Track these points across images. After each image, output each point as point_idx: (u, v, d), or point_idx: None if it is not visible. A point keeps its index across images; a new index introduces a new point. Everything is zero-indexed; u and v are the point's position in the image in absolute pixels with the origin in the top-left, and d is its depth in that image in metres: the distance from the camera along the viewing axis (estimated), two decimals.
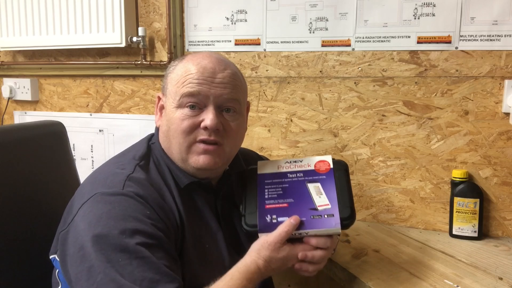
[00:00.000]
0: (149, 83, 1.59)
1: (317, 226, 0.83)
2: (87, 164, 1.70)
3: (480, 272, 0.99)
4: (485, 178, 1.22)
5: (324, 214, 0.84)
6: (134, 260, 0.71)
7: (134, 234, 0.73)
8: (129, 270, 0.70)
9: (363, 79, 1.31)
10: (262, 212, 0.86)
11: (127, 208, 0.76)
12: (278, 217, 0.85)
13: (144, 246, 0.73)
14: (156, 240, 0.75)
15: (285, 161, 0.95)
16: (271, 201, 0.88)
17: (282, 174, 0.92)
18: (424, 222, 1.29)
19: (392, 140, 1.30)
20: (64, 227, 0.82)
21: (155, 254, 0.73)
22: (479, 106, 1.21)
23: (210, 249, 0.86)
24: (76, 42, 1.58)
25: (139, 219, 0.75)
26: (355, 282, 0.97)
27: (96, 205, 0.77)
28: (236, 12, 1.42)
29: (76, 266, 0.74)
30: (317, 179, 0.90)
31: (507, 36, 1.17)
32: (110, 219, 0.74)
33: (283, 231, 0.81)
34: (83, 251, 0.73)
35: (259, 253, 0.81)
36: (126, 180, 0.81)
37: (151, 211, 0.78)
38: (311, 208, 0.85)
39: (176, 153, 0.87)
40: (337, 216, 0.83)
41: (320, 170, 0.91)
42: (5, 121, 1.84)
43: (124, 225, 0.74)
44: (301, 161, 0.94)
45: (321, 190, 0.88)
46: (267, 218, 0.85)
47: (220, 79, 0.86)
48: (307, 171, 0.92)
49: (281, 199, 0.88)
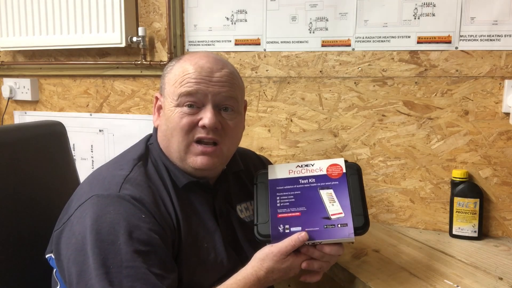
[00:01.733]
0: (149, 83, 1.59)
1: (330, 236, 0.82)
2: (87, 164, 1.70)
3: (480, 272, 0.99)
4: (485, 178, 1.22)
5: (338, 223, 0.83)
6: (124, 269, 0.71)
7: (128, 241, 0.73)
8: (119, 279, 0.71)
9: (363, 79, 1.31)
10: (275, 221, 0.85)
11: (122, 213, 0.76)
12: (291, 227, 0.84)
13: (136, 253, 0.73)
14: (149, 246, 0.75)
15: (296, 165, 0.93)
16: (283, 209, 0.87)
17: (293, 179, 0.91)
18: (424, 222, 1.29)
19: (392, 140, 1.30)
20: (58, 226, 0.82)
21: (147, 262, 0.73)
22: (479, 106, 1.21)
23: (208, 249, 0.86)
24: (76, 42, 1.58)
25: (134, 225, 0.76)
26: (355, 282, 0.97)
27: (92, 208, 0.77)
28: (236, 12, 1.42)
29: (68, 269, 0.75)
30: (330, 185, 0.88)
31: (507, 36, 1.17)
32: (104, 224, 0.74)
33: (289, 244, 0.81)
34: (76, 254, 0.74)
35: (262, 263, 0.81)
36: (123, 182, 0.81)
37: (147, 214, 0.78)
38: (324, 217, 0.84)
39: (174, 152, 0.88)
40: (350, 225, 0.82)
41: (333, 175, 0.90)
42: (5, 121, 1.85)
43: (118, 231, 0.74)
44: (312, 165, 0.92)
45: (334, 197, 0.87)
46: (280, 228, 0.84)
47: (217, 78, 0.86)
48: (319, 176, 0.90)
49: (293, 208, 0.86)
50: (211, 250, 0.87)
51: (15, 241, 0.92)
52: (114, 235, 0.74)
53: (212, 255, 0.86)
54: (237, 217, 0.96)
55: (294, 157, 1.40)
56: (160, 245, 0.77)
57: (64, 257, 0.77)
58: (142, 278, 0.72)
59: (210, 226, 0.89)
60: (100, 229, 0.74)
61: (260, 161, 1.14)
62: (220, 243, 0.88)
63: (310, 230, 0.82)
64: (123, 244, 0.73)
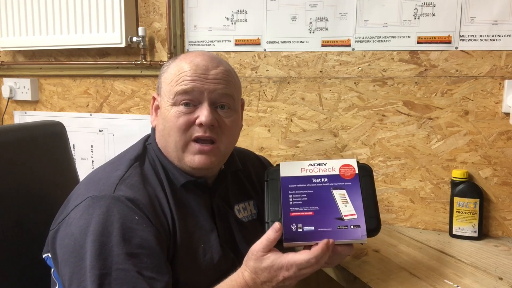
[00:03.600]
0: (149, 83, 1.59)
1: (343, 237, 0.81)
2: (87, 164, 1.70)
3: (480, 272, 0.99)
4: (485, 178, 1.22)
5: (350, 225, 0.83)
6: (114, 272, 0.72)
7: (120, 243, 0.74)
8: (108, 281, 0.71)
9: (363, 79, 1.31)
10: (287, 220, 0.83)
11: (116, 214, 0.76)
12: (304, 226, 0.83)
13: (128, 255, 0.73)
14: (142, 248, 0.75)
15: (309, 164, 0.92)
16: (296, 208, 0.85)
17: (306, 178, 0.89)
18: (424, 222, 1.29)
19: (392, 140, 1.30)
20: (54, 226, 0.83)
21: (138, 264, 0.73)
22: (479, 106, 1.21)
23: (205, 249, 0.86)
24: (76, 42, 1.58)
25: (127, 227, 0.76)
26: (355, 282, 0.97)
27: (87, 210, 0.77)
28: (236, 12, 1.42)
29: (62, 268, 0.76)
30: (342, 185, 0.88)
31: (507, 36, 1.17)
32: (98, 225, 0.74)
33: (264, 238, 0.78)
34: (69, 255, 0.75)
35: (246, 263, 0.80)
36: (118, 183, 0.81)
37: (141, 215, 0.78)
38: (337, 217, 0.83)
39: (172, 152, 0.88)
40: (363, 227, 0.82)
41: (345, 175, 0.89)
42: (5, 121, 1.85)
43: (111, 232, 0.74)
44: (325, 164, 0.91)
45: (347, 198, 0.86)
46: (293, 227, 0.83)
47: (213, 75, 0.86)
48: (331, 176, 0.89)
49: (306, 207, 0.85)
50: (207, 250, 0.86)
51: (15, 241, 0.92)
52: (107, 237, 0.74)
53: (208, 255, 0.86)
54: (235, 217, 0.95)
55: (294, 157, 1.40)
56: (153, 247, 0.76)
57: (60, 257, 0.77)
58: (131, 282, 0.72)
59: (207, 227, 0.88)
60: (94, 231, 0.74)
61: (259, 161, 1.14)
62: (217, 243, 0.87)
63: (323, 230, 0.82)
64: (115, 246, 0.73)
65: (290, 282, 0.78)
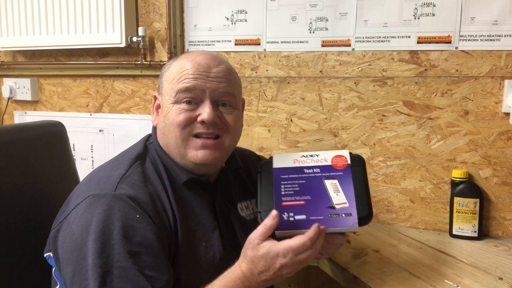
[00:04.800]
0: (149, 83, 1.59)
1: (335, 225, 0.82)
2: (87, 164, 1.70)
3: (480, 272, 0.99)
4: (485, 178, 1.22)
5: (342, 213, 0.83)
6: (116, 270, 0.72)
7: (121, 241, 0.73)
8: (110, 279, 0.71)
9: (363, 79, 1.31)
10: (279, 209, 0.83)
11: (117, 213, 0.76)
12: (295, 215, 0.83)
13: (129, 253, 0.73)
14: (143, 247, 0.75)
15: (301, 155, 0.93)
16: (288, 197, 0.86)
17: (298, 169, 0.90)
18: (424, 222, 1.29)
19: (392, 140, 1.30)
20: (55, 225, 0.83)
21: (139, 263, 0.73)
22: (479, 106, 1.21)
23: (206, 248, 0.86)
24: (76, 42, 1.58)
25: (128, 225, 0.76)
26: (355, 282, 0.97)
27: (88, 208, 0.77)
28: (236, 12, 1.42)
29: (63, 267, 0.76)
30: (334, 175, 0.88)
31: (507, 36, 1.17)
32: (99, 224, 0.74)
33: (261, 225, 0.79)
34: (71, 254, 0.75)
35: (244, 254, 0.80)
36: (119, 182, 0.81)
37: (143, 214, 0.78)
38: (329, 206, 0.84)
39: (173, 149, 0.87)
40: (355, 215, 0.82)
41: (337, 166, 0.90)
42: (5, 121, 1.84)
43: (112, 230, 0.74)
44: (317, 155, 0.92)
45: (338, 187, 0.87)
46: (284, 216, 0.83)
47: (215, 74, 0.87)
48: (324, 166, 0.90)
49: (298, 196, 0.86)
50: (209, 249, 0.86)
51: (16, 240, 0.92)
52: (108, 235, 0.74)
53: (210, 254, 0.86)
54: (238, 215, 0.95)
55: None
56: (154, 246, 0.76)
57: (62, 256, 0.77)
58: (132, 280, 0.72)
59: (209, 225, 0.88)
60: (95, 229, 0.74)
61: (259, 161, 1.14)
62: (219, 241, 0.88)
63: (315, 219, 0.82)
64: (116, 244, 0.73)
65: (288, 271, 0.77)
